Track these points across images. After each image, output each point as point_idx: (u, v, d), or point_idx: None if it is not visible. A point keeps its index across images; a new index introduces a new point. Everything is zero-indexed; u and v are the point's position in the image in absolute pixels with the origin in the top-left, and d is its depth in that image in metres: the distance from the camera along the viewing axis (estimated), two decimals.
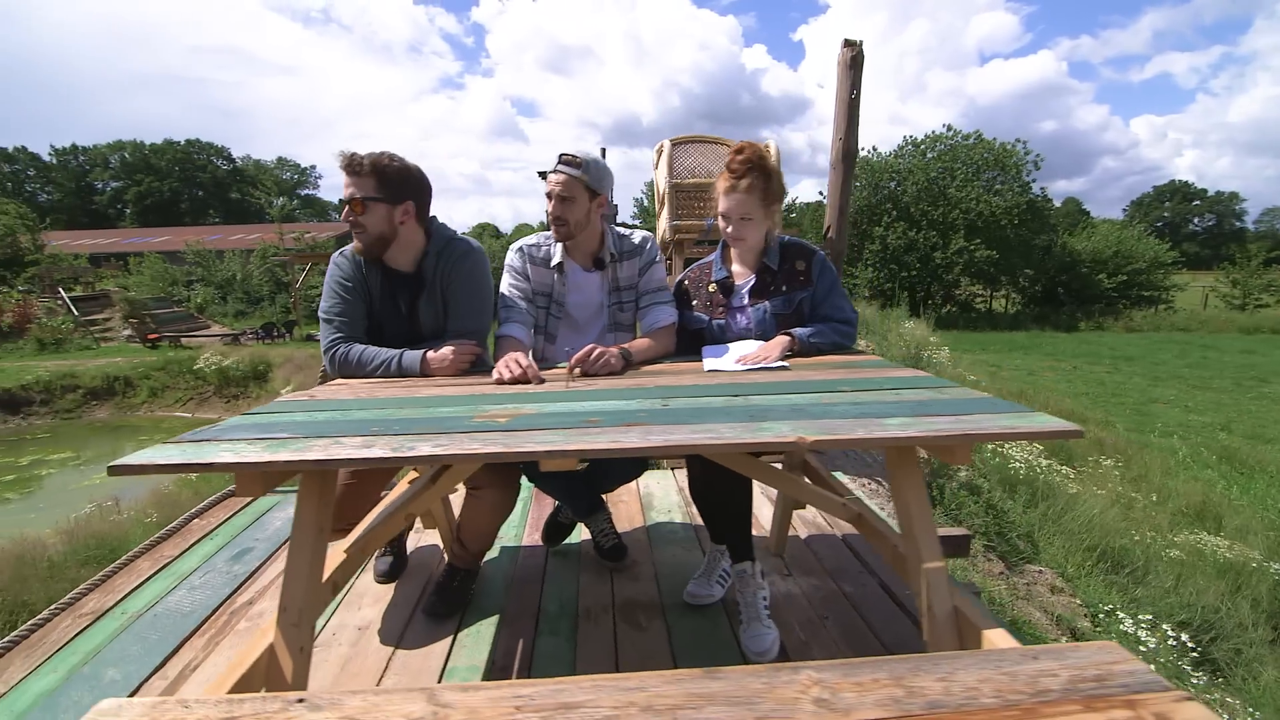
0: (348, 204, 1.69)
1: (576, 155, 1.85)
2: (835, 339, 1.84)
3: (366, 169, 1.67)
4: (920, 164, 25.56)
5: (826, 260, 1.94)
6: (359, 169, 1.67)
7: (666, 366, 1.73)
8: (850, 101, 3.57)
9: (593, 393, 1.37)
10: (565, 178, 1.84)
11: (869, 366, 1.60)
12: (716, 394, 1.31)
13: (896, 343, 7.40)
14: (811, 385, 1.38)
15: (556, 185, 1.84)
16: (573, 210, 1.87)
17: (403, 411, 1.24)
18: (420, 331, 1.83)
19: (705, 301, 1.99)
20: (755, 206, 1.83)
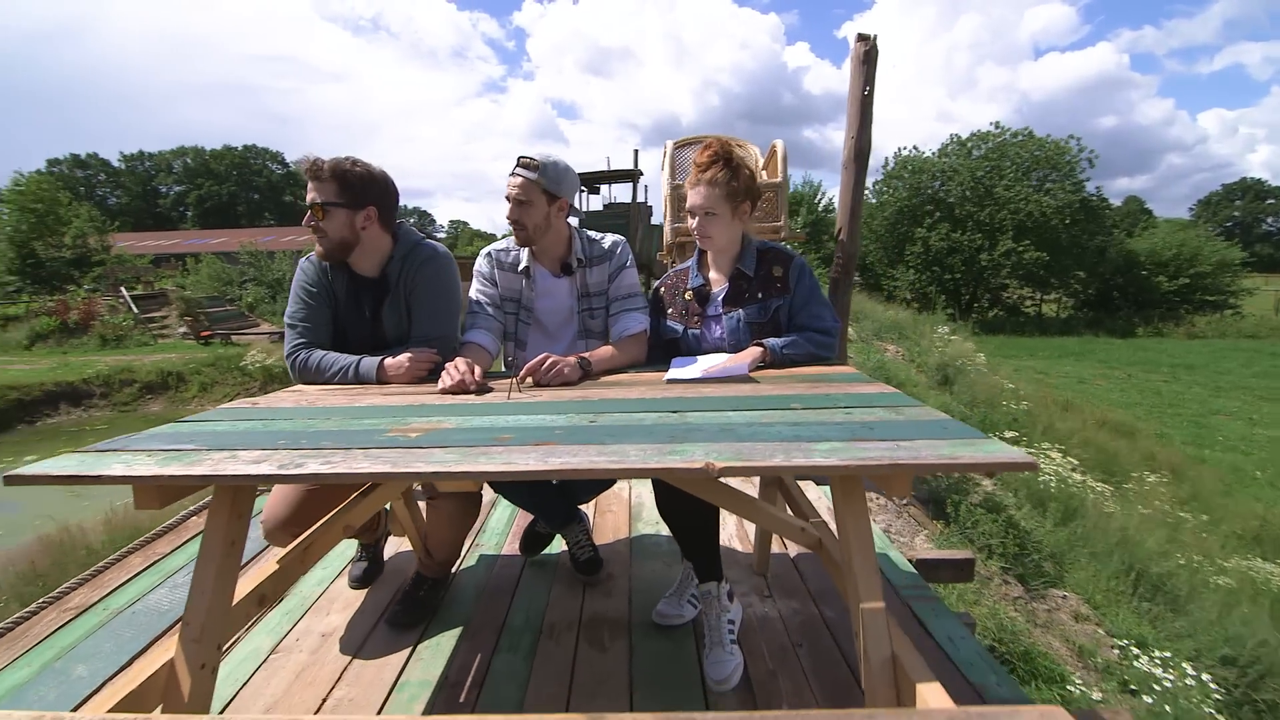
0: (310, 209, 1.67)
1: (534, 158, 1.80)
2: (811, 350, 1.74)
3: (327, 174, 1.65)
4: (966, 163, 24.72)
5: (806, 266, 1.84)
6: (320, 174, 1.65)
7: (624, 377, 1.66)
8: (863, 99, 3.43)
9: (527, 405, 1.31)
10: (521, 181, 1.79)
11: (836, 381, 1.50)
12: (653, 409, 1.23)
13: (930, 349, 7.11)
14: (760, 402, 1.28)
15: (513, 189, 1.80)
16: (530, 214, 1.81)
17: (326, 423, 1.21)
18: (384, 337, 1.81)
19: (680, 310, 1.91)
20: (719, 201, 1.74)
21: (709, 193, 1.74)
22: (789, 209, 3.68)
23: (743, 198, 1.77)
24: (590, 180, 14.80)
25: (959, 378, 6.28)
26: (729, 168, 1.73)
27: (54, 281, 21.60)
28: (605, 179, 14.83)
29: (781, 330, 1.81)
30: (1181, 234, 25.99)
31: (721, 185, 1.73)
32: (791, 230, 3.77)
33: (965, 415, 5.27)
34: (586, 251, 1.95)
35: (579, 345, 1.97)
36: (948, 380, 6.14)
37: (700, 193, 1.75)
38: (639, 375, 1.69)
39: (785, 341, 1.72)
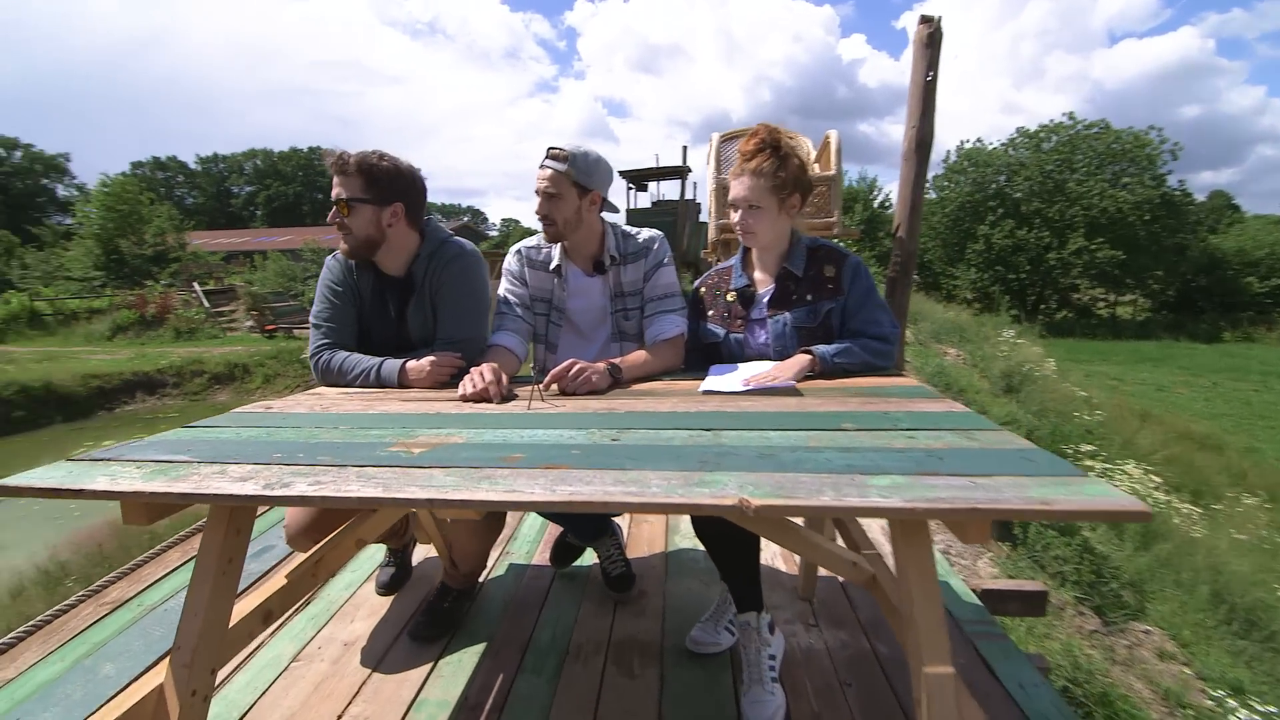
0: (334, 205, 1.60)
1: (563, 148, 1.68)
2: (866, 358, 1.56)
3: (353, 168, 1.58)
4: (1035, 157, 23.46)
5: (862, 265, 1.66)
6: (345, 169, 1.58)
7: (657, 386, 1.52)
8: (926, 85, 3.19)
9: (546, 418, 1.20)
10: (550, 173, 1.67)
11: (895, 396, 1.32)
12: (684, 426, 1.10)
13: (994, 353, 6.68)
14: (806, 420, 1.13)
15: (541, 181, 1.69)
16: (560, 208, 1.70)
17: (331, 434, 1.12)
18: (409, 338, 1.73)
19: (722, 312, 1.76)
20: (765, 193, 1.59)
21: (753, 184, 1.59)
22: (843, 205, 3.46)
23: (791, 190, 1.61)
24: (638, 177, 14.71)
25: (1026, 385, 5.86)
26: (776, 156, 1.58)
27: (135, 277, 22.97)
28: (653, 176, 14.70)
29: (833, 336, 1.64)
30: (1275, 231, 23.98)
31: (768, 175, 1.58)
32: (845, 227, 3.55)
33: (1034, 426, 4.91)
34: (621, 248, 1.83)
35: (612, 348, 1.85)
36: (1013, 387, 5.75)
37: (744, 184, 1.60)
38: (673, 383, 1.55)
39: (837, 349, 1.55)
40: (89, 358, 15.38)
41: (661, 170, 14.36)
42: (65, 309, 19.83)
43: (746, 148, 1.60)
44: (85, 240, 24.41)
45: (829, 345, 1.57)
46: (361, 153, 1.59)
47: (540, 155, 1.71)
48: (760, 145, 1.59)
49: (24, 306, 19.20)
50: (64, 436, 11.36)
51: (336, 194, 1.59)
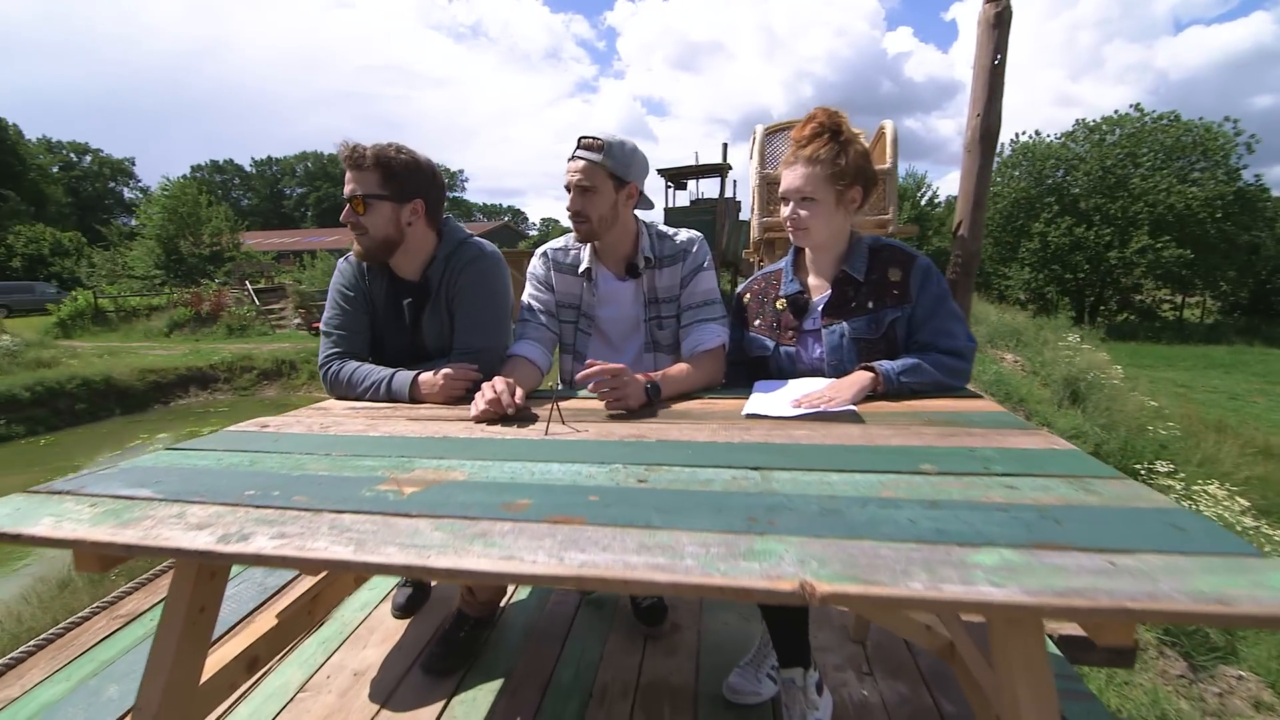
0: (348, 202, 1.48)
1: (598, 137, 1.53)
2: (938, 377, 1.35)
3: (369, 162, 1.45)
4: (1096, 150, 22.30)
5: (933, 268, 1.45)
6: (361, 162, 1.45)
7: (694, 405, 1.34)
8: (992, 69, 2.92)
9: (566, 446, 1.03)
10: (584, 164, 1.52)
11: (978, 426, 1.11)
12: (727, 464, 0.92)
13: (1055, 359, 6.25)
14: (874, 457, 0.94)
15: (574, 174, 1.53)
16: (595, 203, 1.54)
17: (319, 463, 0.98)
18: (424, 348, 1.60)
19: (770, 321, 1.57)
20: (821, 183, 1.39)
21: (808, 172, 1.39)
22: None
23: (851, 181, 1.41)
24: (677, 175, 14.50)
25: (1091, 394, 5.44)
26: (836, 142, 1.38)
27: (192, 275, 23.90)
28: (692, 174, 14.47)
29: (898, 349, 1.43)
30: None
31: (825, 163, 1.38)
32: (901, 224, 3.29)
33: (1102, 440, 4.53)
34: (656, 250, 1.67)
35: (645, 360, 1.69)
36: (1077, 396, 5.35)
37: (798, 172, 1.40)
38: (712, 402, 1.37)
39: (903, 365, 1.35)
40: (146, 353, 16.00)
41: (701, 168, 14.12)
42: (126, 306, 20.73)
43: (802, 133, 1.41)
44: (147, 240, 25.51)
45: (893, 361, 1.36)
46: (378, 145, 1.46)
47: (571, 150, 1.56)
48: (818, 130, 1.39)
49: (89, 303, 20.15)
50: (121, 429, 11.78)
51: (351, 190, 1.46)
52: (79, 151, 56.31)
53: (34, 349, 13.73)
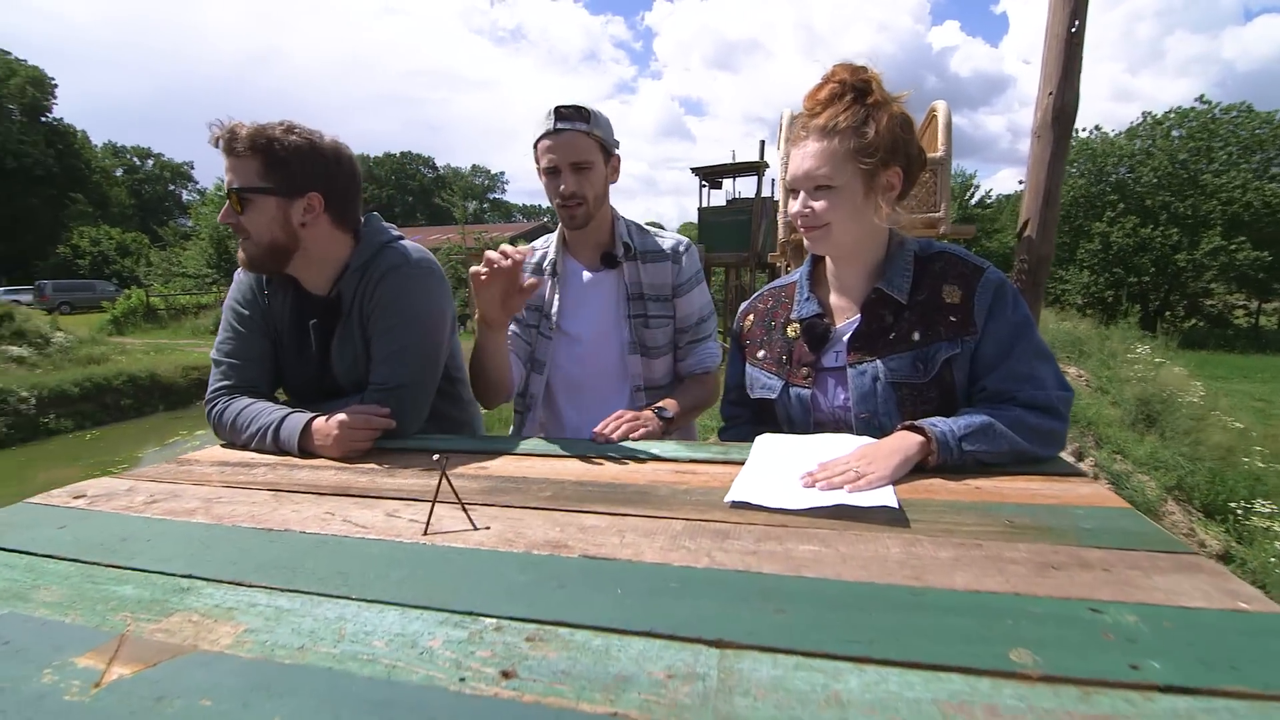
0: (228, 199, 1.15)
1: (580, 105, 1.31)
2: (1019, 444, 0.93)
3: (244, 146, 1.11)
4: (1164, 145, 20.87)
5: (1007, 285, 1.03)
6: (235, 146, 1.12)
7: (665, 471, 0.95)
8: (1068, 40, 2.44)
9: (432, 564, 0.66)
10: (577, 136, 1.31)
11: (1091, 541, 0.70)
12: (666, 632, 0.54)
13: (1125, 371, 5.58)
14: (924, 627, 0.54)
15: (564, 150, 1.31)
16: (592, 182, 1.36)
17: (47, 591, 0.64)
18: (335, 382, 1.26)
19: (779, 353, 1.17)
20: (841, 163, 0.99)
21: (823, 148, 0.99)
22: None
23: (885, 159, 1.00)
24: (712, 174, 14.08)
25: (1167, 414, 4.79)
26: (862, 105, 0.99)
27: None
28: (728, 172, 14.02)
29: (956, 400, 1.03)
30: None
31: (846, 134, 0.98)
32: (955, 224, 2.80)
33: (1186, 471, 3.93)
34: (636, 241, 1.47)
35: (629, 364, 1.45)
36: (1152, 418, 4.72)
37: (808, 150, 1.01)
38: (691, 471, 0.99)
39: (967, 425, 0.93)
40: (191, 350, 16.42)
41: (737, 166, 13.67)
42: (176, 304, 21.40)
43: (816, 97, 1.02)
44: (200, 240, 26.37)
45: (950, 419, 0.95)
46: (258, 124, 1.13)
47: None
48: (837, 90, 1.00)
49: (141, 301, 20.88)
50: (164, 424, 12.03)
51: (228, 182, 1.13)
52: (141, 156, 59.00)
53: (86, 345, 14.17)
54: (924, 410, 1.01)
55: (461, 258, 23.81)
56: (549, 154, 1.32)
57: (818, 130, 1.00)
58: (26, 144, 36.48)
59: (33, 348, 12.52)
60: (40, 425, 10.28)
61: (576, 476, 0.96)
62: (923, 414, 0.99)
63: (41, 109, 38.76)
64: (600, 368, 1.46)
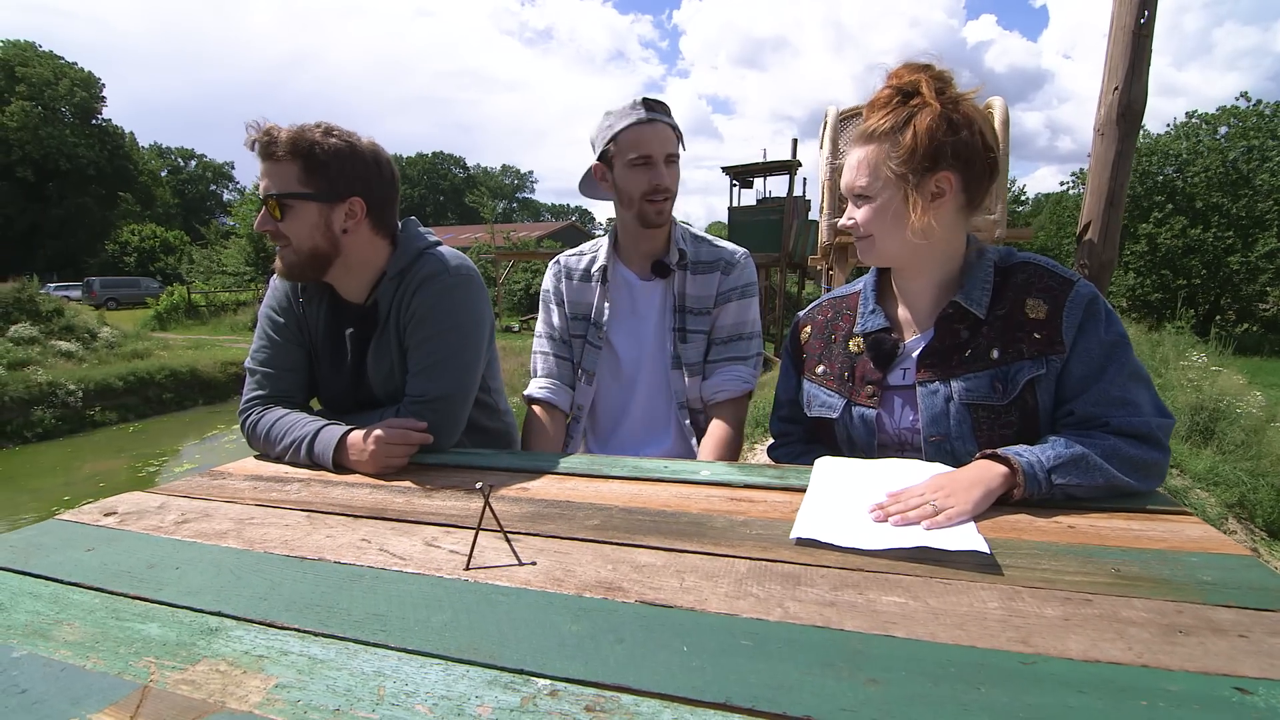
0: (265, 204, 1.11)
1: (662, 100, 1.28)
2: (1115, 477, 0.84)
3: (285, 150, 1.08)
4: (1214, 144, 20.03)
5: (1099, 300, 0.94)
6: (273, 150, 1.08)
7: (717, 498, 0.89)
8: (1136, 31, 2.30)
9: (475, 607, 0.60)
10: (668, 129, 1.28)
11: (1211, 591, 0.62)
12: (745, 705, 0.47)
13: (1180, 382, 5.31)
14: (1036, 699, 0.47)
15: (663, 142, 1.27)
16: (678, 177, 1.33)
17: (68, 629, 0.60)
18: (371, 393, 1.22)
19: (840, 369, 1.09)
20: (877, 172, 0.94)
21: (862, 158, 0.96)
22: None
23: (928, 165, 0.92)
24: (743, 173, 13.91)
25: (1225, 426, 4.53)
26: (904, 108, 0.93)
27: None
28: (759, 171, 13.84)
29: (1039, 424, 0.94)
30: None
31: (882, 141, 0.94)
32: (1013, 226, 2.64)
33: (1248, 488, 3.70)
34: (691, 249, 1.39)
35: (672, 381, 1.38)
36: (1209, 431, 4.46)
37: (852, 160, 0.97)
38: (748, 500, 0.92)
39: (1056, 455, 0.84)
40: (230, 346, 16.84)
41: (768, 165, 13.49)
42: (217, 300, 21.99)
43: (875, 100, 0.97)
44: (240, 239, 27.06)
45: (1038, 448, 0.86)
46: (296, 127, 1.09)
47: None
48: (889, 95, 0.95)
49: (183, 298, 21.50)
50: (203, 418, 12.36)
51: (265, 188, 1.10)
52: (185, 157, 60.88)
53: (130, 341, 14.62)
54: (1002, 436, 0.93)
55: (491, 257, 24.02)
56: (644, 144, 1.26)
57: (861, 137, 0.97)
58: (79, 145, 37.91)
59: (80, 342, 12.95)
60: (86, 417, 10.63)
61: (624, 502, 0.90)
62: (1001, 440, 0.91)
63: (91, 111, 40.23)
64: (647, 383, 1.40)
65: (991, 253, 1.01)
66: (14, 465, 8.80)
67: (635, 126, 1.26)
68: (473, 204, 31.93)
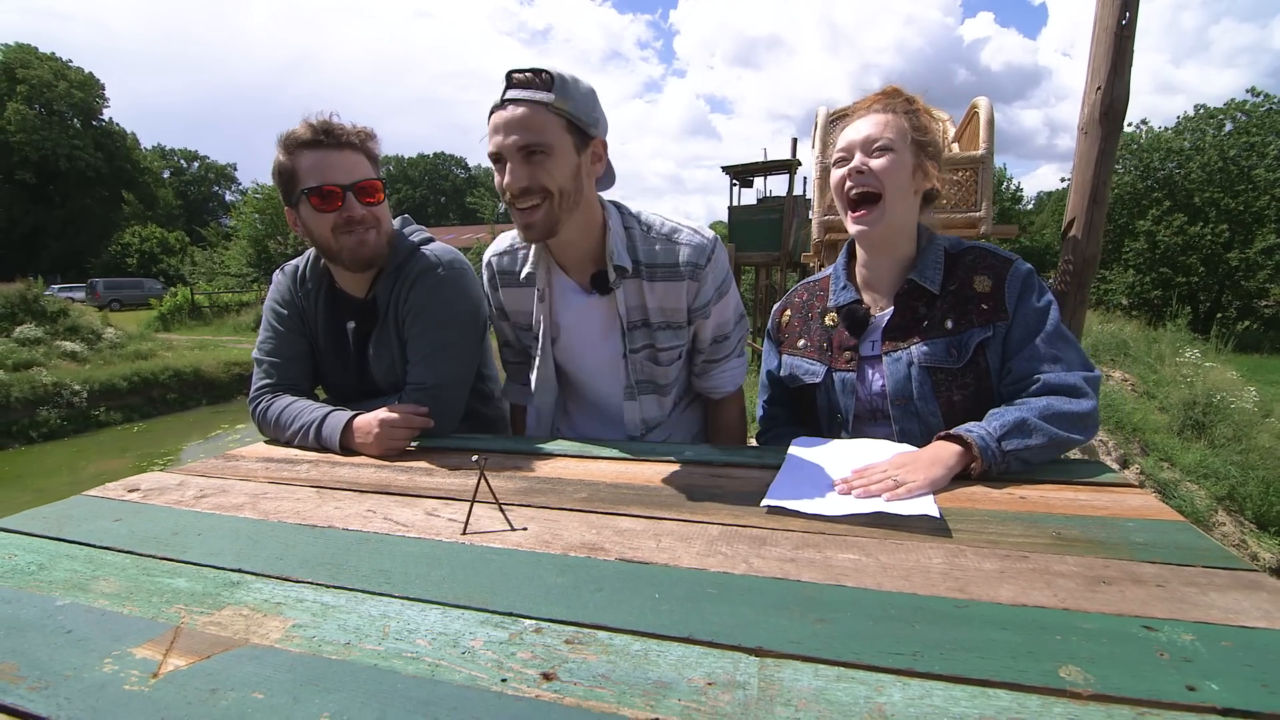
0: (349, 191, 1.13)
1: (543, 69, 0.99)
2: (1057, 434, 0.92)
3: (359, 142, 1.16)
4: (1213, 139, 20.04)
5: (1034, 276, 1.06)
6: (346, 138, 1.15)
7: (698, 474, 0.95)
8: (1118, 31, 2.36)
9: (471, 563, 0.67)
10: (525, 111, 0.97)
11: (1143, 554, 0.68)
12: (707, 639, 0.53)
13: (1174, 378, 5.37)
14: (970, 640, 0.53)
15: (511, 129, 0.97)
16: (551, 171, 0.99)
17: (105, 583, 0.67)
18: (374, 383, 1.29)
19: (819, 341, 1.19)
20: (901, 134, 1.04)
21: (886, 119, 1.04)
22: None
23: (931, 154, 1.06)
24: (743, 172, 13.96)
25: (1218, 420, 4.58)
26: (912, 109, 1.06)
27: None
28: (759, 170, 13.89)
29: (991, 384, 1.04)
30: None
31: (902, 113, 1.05)
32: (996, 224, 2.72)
33: (1237, 481, 3.76)
34: (642, 253, 1.14)
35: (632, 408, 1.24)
36: (1201, 425, 4.52)
37: (871, 120, 1.05)
38: (723, 476, 0.98)
39: (1003, 425, 0.92)
40: (233, 346, 16.92)
41: (768, 164, 13.53)
42: (219, 301, 22.10)
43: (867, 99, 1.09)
44: (241, 240, 27.15)
45: (984, 423, 0.94)
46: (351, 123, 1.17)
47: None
48: (891, 92, 1.07)
49: (186, 299, 21.61)
50: (207, 418, 12.43)
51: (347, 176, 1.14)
52: (188, 158, 61.06)
53: (135, 342, 14.70)
54: (960, 395, 1.04)
55: None
56: (493, 136, 0.99)
57: (879, 105, 1.06)
58: (79, 147, 38.04)
59: (85, 343, 13.04)
60: (91, 417, 10.72)
61: (611, 479, 0.97)
62: (959, 399, 1.03)
63: (93, 113, 40.37)
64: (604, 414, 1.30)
65: (941, 240, 1.12)
66: (20, 465, 8.89)
67: (491, 114, 1.01)
68: (473, 204, 31.92)
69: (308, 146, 1.13)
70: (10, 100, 36.12)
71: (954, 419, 1.00)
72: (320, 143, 1.13)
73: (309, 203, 1.14)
